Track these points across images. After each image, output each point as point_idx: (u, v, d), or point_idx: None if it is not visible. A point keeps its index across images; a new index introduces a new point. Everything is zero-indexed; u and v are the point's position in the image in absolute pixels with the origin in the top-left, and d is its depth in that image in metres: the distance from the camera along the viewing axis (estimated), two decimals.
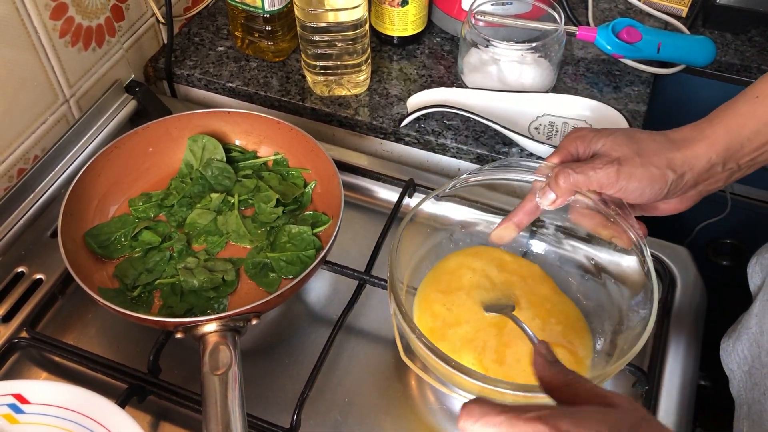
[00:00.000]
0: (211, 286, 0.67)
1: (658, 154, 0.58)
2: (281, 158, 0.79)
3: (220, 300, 0.68)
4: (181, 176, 0.77)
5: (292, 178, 0.78)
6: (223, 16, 1.01)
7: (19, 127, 0.75)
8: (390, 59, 0.96)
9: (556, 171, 0.59)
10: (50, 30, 0.75)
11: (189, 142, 0.77)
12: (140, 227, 0.72)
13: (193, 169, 0.77)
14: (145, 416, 0.65)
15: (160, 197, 0.76)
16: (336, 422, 0.65)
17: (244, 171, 0.78)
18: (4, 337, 0.69)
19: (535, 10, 0.91)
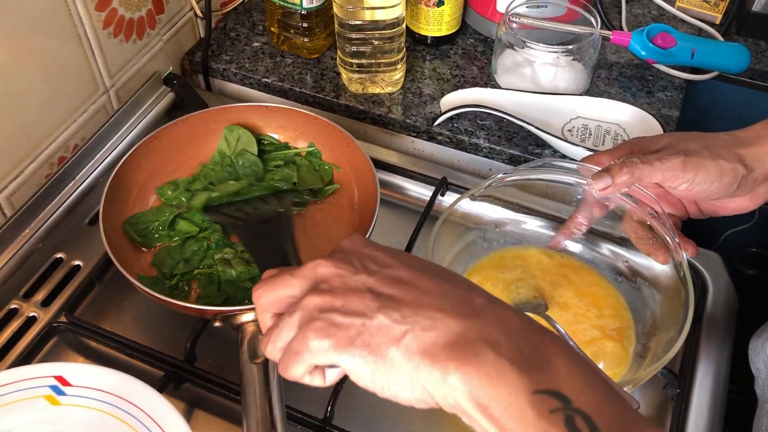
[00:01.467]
0: (248, 276, 0.68)
1: (727, 149, 0.58)
2: (315, 150, 0.80)
3: None
4: (213, 163, 0.78)
5: (323, 172, 0.79)
6: (259, 12, 1.03)
7: (60, 115, 0.77)
8: (423, 59, 0.96)
9: (622, 160, 0.58)
10: (95, 21, 0.76)
11: (225, 131, 0.78)
12: (173, 215, 0.73)
13: (225, 157, 0.78)
14: (179, 403, 0.66)
15: (188, 182, 0.77)
16: (367, 415, 0.65)
17: (276, 161, 0.79)
18: (44, 321, 0.70)
19: (569, 14, 0.91)
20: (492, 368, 0.36)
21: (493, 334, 0.38)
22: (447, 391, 0.37)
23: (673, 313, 0.62)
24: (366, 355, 0.39)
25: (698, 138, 0.59)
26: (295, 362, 0.41)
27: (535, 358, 0.37)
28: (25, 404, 0.58)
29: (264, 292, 0.45)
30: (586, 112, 0.86)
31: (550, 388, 0.36)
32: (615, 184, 0.59)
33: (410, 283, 0.41)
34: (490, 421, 0.36)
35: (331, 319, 0.40)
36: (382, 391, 0.40)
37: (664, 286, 0.65)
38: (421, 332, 0.38)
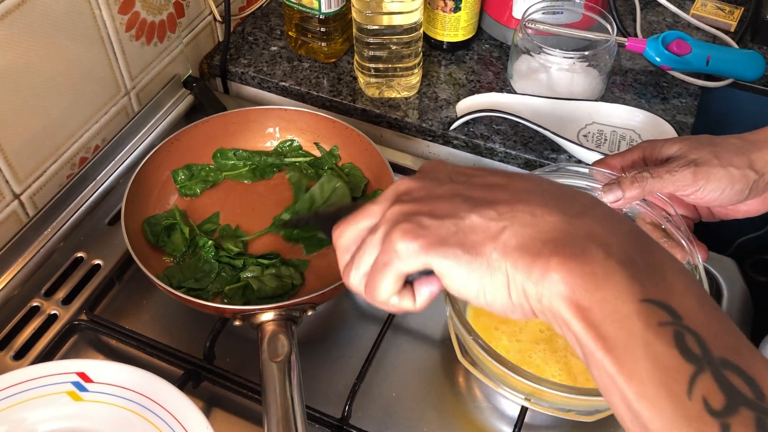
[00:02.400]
0: (282, 291, 0.69)
1: (738, 154, 0.58)
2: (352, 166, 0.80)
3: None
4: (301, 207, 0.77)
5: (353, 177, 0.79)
6: (277, 17, 1.04)
7: (83, 117, 0.78)
8: (439, 64, 0.97)
9: (633, 175, 0.59)
10: (117, 24, 0.77)
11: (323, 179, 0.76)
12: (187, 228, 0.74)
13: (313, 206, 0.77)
14: (198, 402, 0.66)
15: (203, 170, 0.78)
16: (384, 415, 0.66)
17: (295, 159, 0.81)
18: (65, 319, 0.71)
19: (585, 20, 0.92)
20: (599, 268, 0.33)
21: (602, 234, 0.34)
22: (544, 290, 0.34)
23: None
24: (460, 255, 0.35)
25: (708, 144, 0.59)
26: (381, 276, 0.38)
27: (647, 266, 0.34)
28: (48, 400, 0.59)
29: (344, 228, 0.41)
30: (602, 118, 0.87)
31: (661, 300, 0.32)
32: (625, 197, 0.59)
33: (504, 186, 0.38)
34: (587, 326, 0.33)
35: (420, 221, 0.37)
36: (477, 298, 0.36)
37: None
38: (521, 228, 0.35)
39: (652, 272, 0.34)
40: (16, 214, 0.73)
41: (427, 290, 0.40)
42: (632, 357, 0.32)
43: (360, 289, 0.40)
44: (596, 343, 0.33)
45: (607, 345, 0.32)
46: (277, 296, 0.69)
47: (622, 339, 0.32)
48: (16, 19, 0.65)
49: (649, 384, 0.31)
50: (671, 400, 0.31)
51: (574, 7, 0.91)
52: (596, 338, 0.33)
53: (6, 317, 0.71)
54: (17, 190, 0.72)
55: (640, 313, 0.32)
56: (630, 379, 0.32)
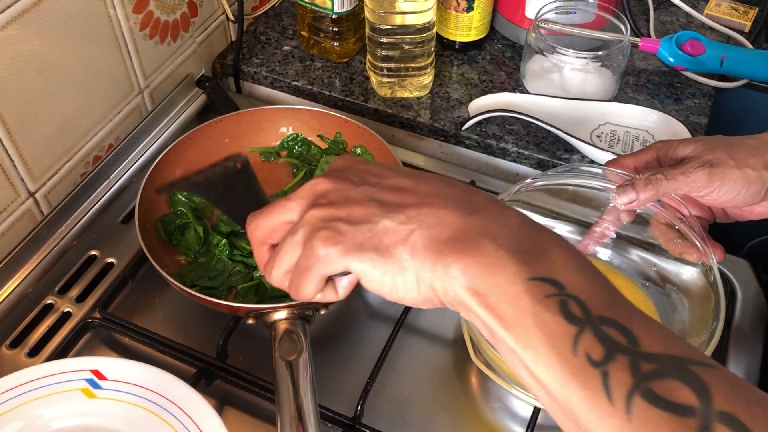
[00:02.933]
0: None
1: (754, 155, 0.57)
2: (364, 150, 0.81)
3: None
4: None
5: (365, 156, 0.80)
6: (289, 16, 1.04)
7: (97, 115, 0.78)
8: (451, 64, 0.97)
9: (646, 177, 0.59)
10: (132, 23, 0.77)
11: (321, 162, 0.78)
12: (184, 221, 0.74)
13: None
14: (210, 400, 0.66)
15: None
16: (395, 415, 0.66)
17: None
18: (78, 317, 0.71)
19: (598, 20, 0.92)
20: (491, 258, 0.37)
21: (492, 228, 0.39)
22: (448, 283, 0.38)
23: (703, 319, 0.62)
24: (375, 258, 0.40)
25: (724, 145, 0.59)
26: (306, 278, 0.42)
27: (533, 250, 0.38)
28: (63, 396, 0.59)
29: (259, 222, 0.44)
30: (615, 118, 0.87)
31: (545, 276, 0.37)
32: (639, 199, 0.59)
33: (411, 189, 0.42)
34: (487, 309, 0.37)
35: (337, 227, 0.40)
36: (390, 293, 0.40)
37: (694, 292, 0.65)
38: (426, 230, 0.39)
39: (538, 254, 0.38)
40: (30, 212, 0.73)
41: (346, 281, 0.44)
42: (525, 329, 0.36)
43: (282, 286, 0.44)
44: (497, 322, 0.37)
45: (505, 322, 0.37)
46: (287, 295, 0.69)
47: (516, 315, 0.36)
48: (32, 18, 0.65)
49: (541, 349, 0.35)
50: (560, 360, 0.35)
51: (587, 7, 0.91)
52: (496, 318, 0.37)
53: (20, 315, 0.71)
54: (32, 188, 0.72)
55: (528, 290, 0.36)
56: (526, 348, 0.36)
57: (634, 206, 0.60)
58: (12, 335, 0.70)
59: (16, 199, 0.71)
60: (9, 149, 0.68)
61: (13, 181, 0.70)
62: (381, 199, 0.41)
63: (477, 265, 0.37)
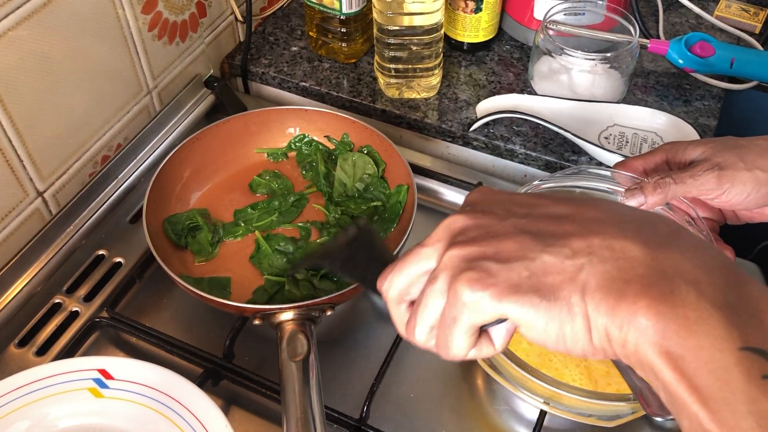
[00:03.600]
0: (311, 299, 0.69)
1: (764, 157, 0.57)
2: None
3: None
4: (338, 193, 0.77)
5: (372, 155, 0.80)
6: (297, 17, 1.04)
7: (105, 115, 0.78)
8: (459, 65, 0.97)
9: (655, 180, 0.58)
10: (140, 23, 0.78)
11: (339, 161, 0.78)
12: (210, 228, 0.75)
13: (347, 188, 0.77)
14: (217, 400, 0.66)
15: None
16: (401, 416, 0.66)
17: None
18: (86, 316, 0.72)
19: (607, 21, 0.91)
20: (691, 312, 0.30)
21: (689, 269, 0.31)
22: (631, 336, 0.31)
23: None
24: (537, 303, 0.32)
25: (733, 146, 0.59)
26: (453, 332, 0.35)
27: (742, 308, 0.30)
28: (70, 396, 0.60)
29: (393, 278, 0.38)
30: (623, 120, 0.86)
31: (762, 348, 0.29)
32: (648, 203, 0.59)
33: (573, 216, 0.34)
34: (679, 377, 0.30)
35: (486, 267, 0.33)
36: (556, 344, 0.33)
37: None
38: (600, 265, 0.32)
39: (749, 315, 0.30)
40: (39, 211, 0.74)
41: (503, 330, 0.37)
42: (733, 414, 0.29)
43: (429, 346, 0.37)
44: (691, 395, 0.30)
45: (703, 398, 0.29)
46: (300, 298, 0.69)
47: (721, 392, 0.29)
48: (41, 18, 0.66)
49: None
50: None
51: (596, 9, 0.91)
52: (690, 390, 0.30)
53: (28, 314, 0.71)
54: (41, 188, 0.73)
55: (740, 363, 0.29)
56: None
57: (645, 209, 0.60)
58: (20, 334, 0.70)
59: (25, 199, 0.71)
60: (18, 149, 0.68)
61: (22, 181, 0.70)
62: (536, 230, 0.34)
63: (674, 317, 0.30)
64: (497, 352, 0.37)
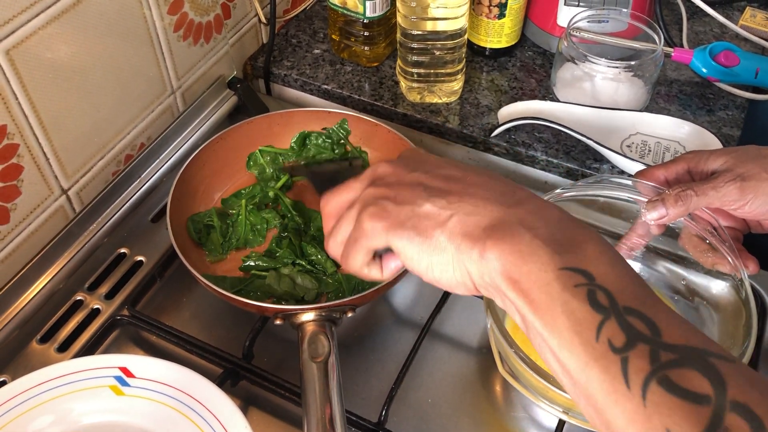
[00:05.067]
0: (291, 296, 0.70)
1: None
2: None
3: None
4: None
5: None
6: (320, 20, 1.04)
7: (130, 115, 0.79)
8: (481, 70, 0.97)
9: (676, 192, 0.58)
10: (166, 24, 0.78)
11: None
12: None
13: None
14: (235, 400, 0.66)
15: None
16: (419, 421, 0.66)
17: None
18: (107, 314, 0.72)
19: (630, 29, 0.91)
20: (526, 247, 0.39)
21: (531, 219, 0.41)
22: (484, 268, 0.40)
23: (733, 334, 0.61)
24: (414, 237, 0.42)
25: (756, 156, 0.58)
26: (354, 249, 0.45)
27: (567, 242, 0.40)
28: (92, 393, 0.60)
29: (329, 199, 0.48)
30: (646, 129, 0.86)
31: (576, 266, 0.38)
32: (669, 215, 0.59)
33: (459, 178, 0.44)
34: (519, 294, 0.39)
35: (384, 206, 0.44)
36: (426, 273, 0.43)
37: (724, 307, 0.64)
38: (465, 216, 0.41)
39: (572, 246, 0.39)
40: (63, 209, 0.74)
41: (393, 264, 0.47)
42: (553, 314, 0.38)
43: (336, 255, 0.47)
44: (528, 306, 0.39)
45: (535, 307, 0.38)
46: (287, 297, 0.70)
47: (546, 301, 0.38)
48: (71, 18, 0.66)
49: (567, 334, 0.37)
50: (583, 345, 0.37)
51: (620, 16, 0.90)
52: (527, 303, 0.39)
53: (50, 310, 0.72)
54: (65, 186, 0.73)
55: (559, 278, 0.38)
56: (552, 332, 0.38)
57: (664, 222, 0.60)
58: (42, 330, 0.71)
59: (50, 196, 0.72)
60: (44, 146, 0.69)
61: (47, 179, 0.71)
62: (429, 185, 0.44)
63: (512, 252, 0.39)
64: (383, 278, 0.47)
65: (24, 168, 0.68)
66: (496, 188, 0.43)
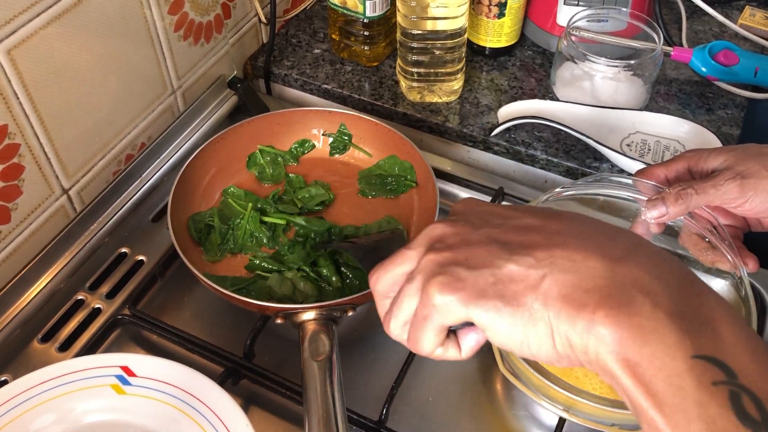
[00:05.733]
0: (291, 300, 0.69)
1: None
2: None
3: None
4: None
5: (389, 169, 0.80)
6: (320, 20, 1.05)
7: (130, 114, 0.79)
8: (481, 69, 0.97)
9: (677, 191, 0.58)
10: (167, 24, 0.78)
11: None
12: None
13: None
14: (236, 399, 0.67)
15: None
16: (420, 419, 0.66)
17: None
18: (108, 313, 0.72)
19: (630, 28, 0.91)
20: (647, 321, 0.32)
21: (647, 281, 0.33)
22: (591, 343, 0.33)
23: None
24: (501, 307, 0.35)
25: (756, 154, 0.58)
26: (423, 330, 0.38)
27: (696, 317, 0.32)
28: (93, 392, 0.60)
29: (381, 274, 0.41)
30: (646, 128, 0.86)
31: (712, 355, 0.31)
32: (669, 214, 0.58)
33: (540, 228, 0.37)
34: (637, 383, 0.32)
35: (456, 273, 0.36)
36: (521, 349, 0.36)
37: None
38: (561, 275, 0.34)
39: (702, 323, 0.32)
40: (64, 208, 0.74)
41: (472, 340, 0.40)
42: (686, 418, 0.31)
43: (402, 339, 0.40)
44: (647, 399, 0.32)
45: (658, 403, 0.31)
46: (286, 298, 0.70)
47: (674, 398, 0.31)
48: (71, 18, 0.66)
49: None
50: None
51: (619, 15, 0.91)
52: (647, 395, 0.32)
53: (51, 310, 0.72)
54: (66, 185, 0.74)
55: (691, 370, 0.31)
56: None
57: (664, 220, 0.60)
58: (43, 329, 0.71)
59: (51, 196, 0.72)
60: (45, 146, 0.69)
61: (48, 178, 0.71)
62: (505, 240, 0.37)
63: (630, 327, 0.32)
64: (462, 357, 0.40)
65: (25, 168, 0.68)
66: (591, 235, 0.36)
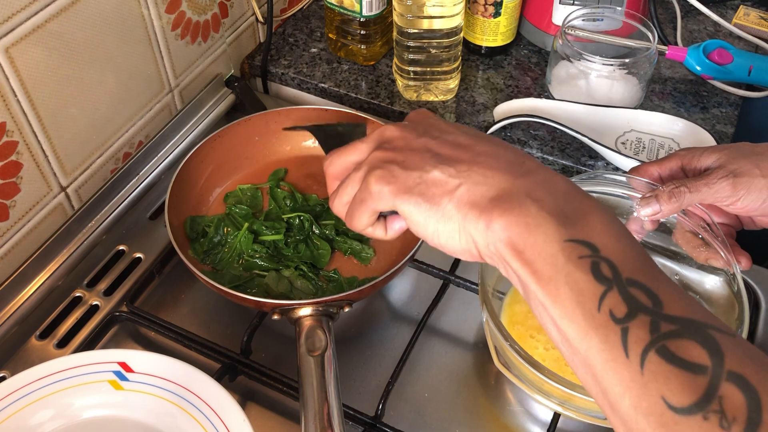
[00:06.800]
0: (287, 298, 0.70)
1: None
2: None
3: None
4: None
5: None
6: (317, 19, 1.05)
7: (128, 113, 0.79)
8: (477, 68, 0.98)
9: (670, 189, 0.59)
10: (164, 23, 0.79)
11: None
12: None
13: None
14: (233, 395, 0.67)
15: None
16: (416, 415, 0.66)
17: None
18: (106, 310, 0.72)
19: (625, 27, 0.92)
20: (532, 219, 0.40)
21: (538, 191, 0.41)
22: (489, 238, 0.41)
23: None
24: (421, 203, 0.43)
25: (749, 153, 0.59)
26: (359, 210, 0.46)
27: (573, 214, 0.40)
28: (91, 387, 0.60)
29: (334, 159, 0.49)
30: (641, 126, 0.87)
31: (582, 238, 0.39)
32: (662, 211, 0.59)
33: (468, 146, 0.45)
34: (523, 264, 0.40)
35: (392, 170, 0.44)
36: (432, 239, 0.44)
37: (717, 302, 0.65)
38: (473, 186, 0.42)
39: (578, 218, 0.40)
40: (62, 206, 0.75)
41: (397, 225, 0.49)
42: (556, 285, 0.38)
43: (341, 215, 0.49)
44: (531, 276, 0.39)
45: (538, 277, 0.39)
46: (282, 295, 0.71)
47: (550, 272, 0.39)
48: (69, 16, 0.67)
49: (569, 304, 0.38)
50: (584, 315, 0.37)
51: (614, 15, 0.91)
52: (530, 273, 0.39)
53: (49, 307, 0.72)
54: (64, 183, 0.74)
55: (564, 250, 0.39)
56: (554, 302, 0.38)
57: (657, 218, 0.61)
58: (41, 326, 0.71)
59: (49, 193, 0.73)
60: (43, 144, 0.69)
61: (46, 176, 0.71)
62: (437, 151, 0.45)
63: (518, 223, 0.40)
64: (386, 237, 0.49)
65: (23, 165, 0.68)
66: (504, 157, 0.44)
